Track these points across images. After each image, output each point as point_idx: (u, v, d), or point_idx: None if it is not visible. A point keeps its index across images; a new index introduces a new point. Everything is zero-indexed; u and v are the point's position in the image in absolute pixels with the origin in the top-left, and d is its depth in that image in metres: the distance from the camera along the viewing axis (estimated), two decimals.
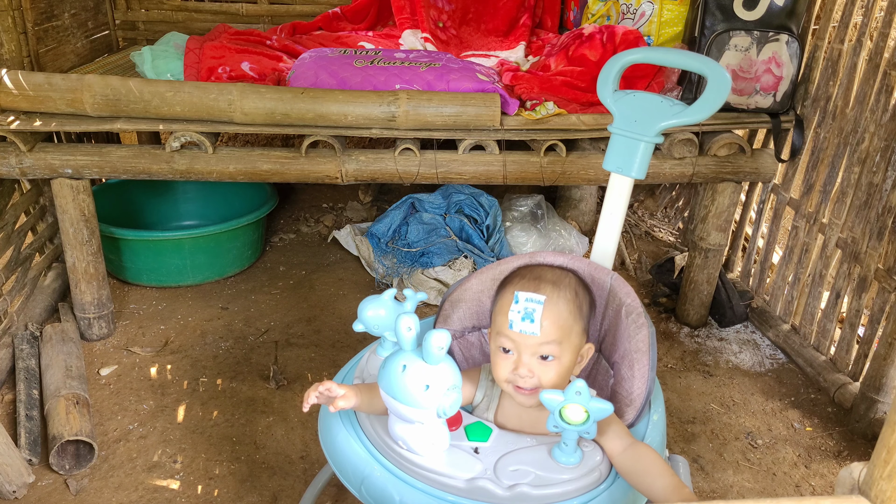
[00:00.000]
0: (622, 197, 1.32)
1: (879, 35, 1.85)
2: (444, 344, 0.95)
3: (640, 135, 1.27)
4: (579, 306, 1.11)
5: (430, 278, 2.41)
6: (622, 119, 1.29)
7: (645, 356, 1.14)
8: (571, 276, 1.17)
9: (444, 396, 0.97)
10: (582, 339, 1.12)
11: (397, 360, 0.98)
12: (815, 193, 2.10)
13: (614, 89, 1.33)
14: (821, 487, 1.72)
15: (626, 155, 1.29)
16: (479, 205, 2.57)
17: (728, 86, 1.22)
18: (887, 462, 0.67)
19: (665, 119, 1.25)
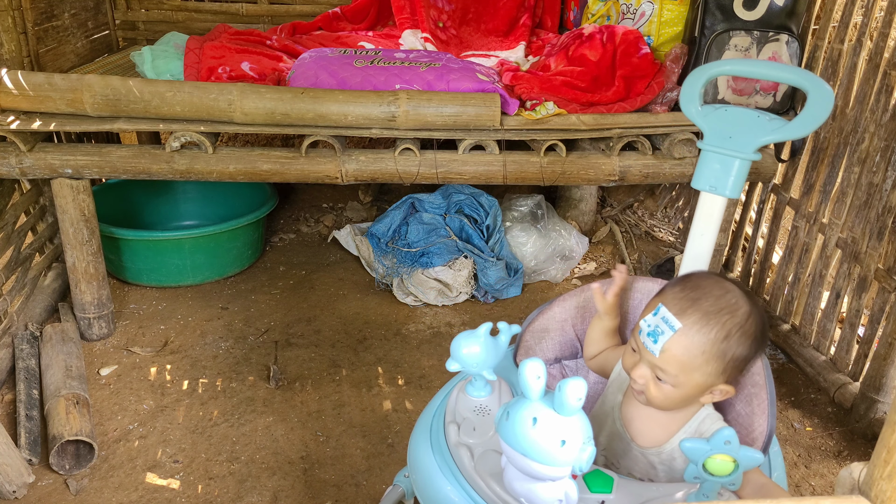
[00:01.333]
0: (714, 217, 1.24)
1: (879, 35, 1.85)
2: (582, 394, 0.85)
3: (736, 152, 1.20)
4: (723, 351, 0.99)
5: (430, 278, 2.42)
6: (714, 135, 1.22)
7: (763, 390, 1.05)
8: (741, 313, 1.00)
9: (581, 451, 0.87)
10: (713, 380, 1.01)
11: (524, 412, 0.87)
12: (815, 193, 2.10)
13: (701, 104, 1.27)
14: (821, 487, 1.72)
15: (720, 173, 1.22)
16: (479, 205, 2.58)
17: (831, 100, 1.14)
18: (887, 462, 0.67)
19: (764, 135, 1.18)
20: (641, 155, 2.06)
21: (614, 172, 2.05)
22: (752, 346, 1.01)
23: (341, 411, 1.91)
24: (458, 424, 1.08)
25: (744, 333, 0.99)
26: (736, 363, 1.01)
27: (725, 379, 1.02)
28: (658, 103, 2.05)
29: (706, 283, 1.04)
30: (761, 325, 1.02)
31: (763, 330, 1.03)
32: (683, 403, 1.05)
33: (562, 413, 0.86)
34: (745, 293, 1.04)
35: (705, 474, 0.91)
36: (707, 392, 1.03)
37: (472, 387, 1.14)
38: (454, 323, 2.33)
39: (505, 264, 2.48)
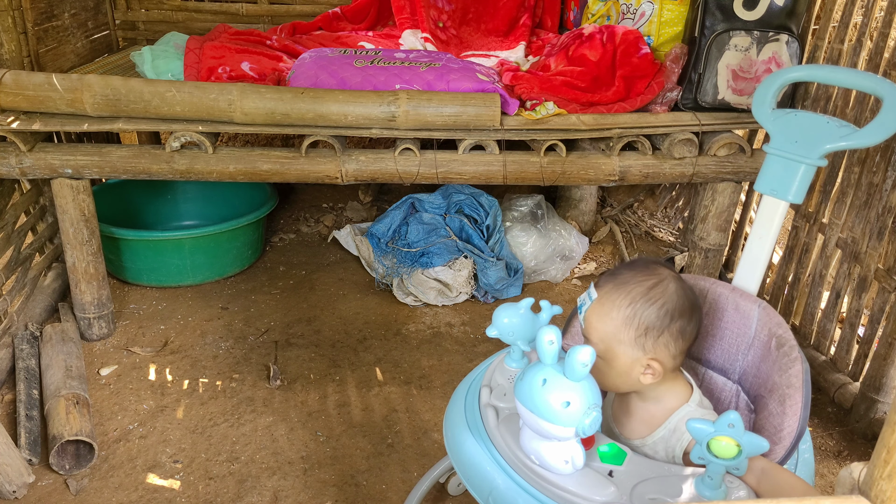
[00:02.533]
0: (774, 221, 1.24)
1: (879, 35, 1.85)
2: (588, 360, 0.92)
3: (802, 157, 1.20)
4: (630, 316, 1.06)
5: (430, 278, 2.42)
6: (781, 139, 1.23)
7: (798, 392, 1.06)
8: (649, 283, 1.08)
9: (584, 415, 0.93)
10: (634, 351, 1.07)
11: (537, 374, 0.95)
12: (815, 193, 2.10)
13: (773, 107, 1.27)
14: (821, 487, 1.72)
15: (784, 177, 1.22)
16: (479, 205, 2.58)
17: None
18: (887, 462, 0.67)
19: (832, 141, 1.18)
20: (641, 155, 2.06)
21: (614, 172, 2.05)
22: (665, 317, 1.06)
23: (341, 411, 1.91)
24: (492, 388, 1.16)
25: (649, 299, 1.06)
26: (650, 332, 1.06)
27: (650, 354, 1.07)
28: (658, 103, 2.05)
29: (638, 263, 1.12)
30: (675, 297, 1.07)
31: (678, 303, 1.07)
32: (622, 380, 1.09)
33: (569, 377, 0.93)
34: (670, 273, 1.10)
35: (709, 455, 0.93)
36: (640, 368, 1.08)
37: (510, 358, 1.23)
38: (454, 323, 2.33)
39: (505, 264, 2.48)
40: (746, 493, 0.97)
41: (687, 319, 1.08)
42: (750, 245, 1.27)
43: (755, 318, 1.18)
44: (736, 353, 1.22)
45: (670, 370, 1.11)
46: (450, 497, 1.64)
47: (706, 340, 1.28)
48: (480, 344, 2.23)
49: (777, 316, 1.17)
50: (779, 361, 1.11)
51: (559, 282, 2.60)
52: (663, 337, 1.07)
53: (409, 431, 1.84)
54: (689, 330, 1.09)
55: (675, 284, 1.09)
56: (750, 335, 1.19)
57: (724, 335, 1.24)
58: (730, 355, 1.24)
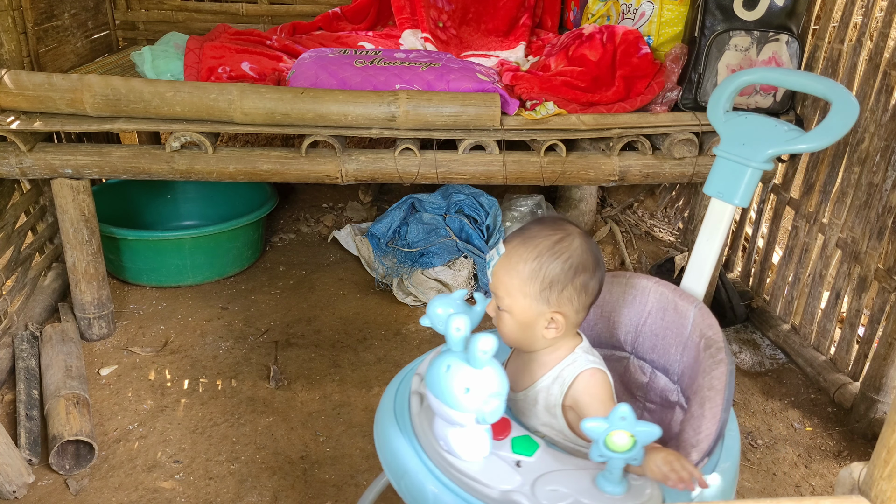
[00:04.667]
0: (721, 224, 1.24)
1: (879, 35, 1.85)
2: (489, 348, 0.93)
3: (748, 160, 1.19)
4: (535, 270, 1.07)
5: (430, 278, 2.42)
6: (729, 141, 1.22)
7: (719, 395, 1.05)
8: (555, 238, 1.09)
9: (484, 402, 0.94)
10: (538, 305, 1.08)
11: (443, 360, 0.97)
12: (815, 193, 2.10)
13: (726, 110, 1.26)
14: (821, 487, 1.72)
15: (731, 180, 1.21)
16: (479, 205, 2.57)
17: (855, 112, 1.12)
18: (887, 462, 0.67)
19: (777, 145, 1.17)
20: (641, 155, 2.06)
21: (614, 172, 2.05)
22: (569, 271, 1.07)
23: (341, 411, 1.91)
24: (423, 377, 1.17)
25: (554, 253, 1.07)
26: (555, 286, 1.07)
27: (554, 307, 1.08)
28: (658, 103, 2.05)
29: (546, 220, 1.13)
30: (580, 252, 1.09)
31: (583, 258, 1.08)
32: (525, 333, 1.10)
33: (471, 364, 0.94)
34: (576, 230, 1.12)
35: (608, 452, 0.94)
36: (543, 322, 1.09)
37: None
38: None
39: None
40: (651, 492, 0.96)
41: (590, 275, 1.09)
42: (697, 247, 1.26)
43: (691, 318, 1.18)
44: (675, 353, 1.22)
45: (573, 325, 1.12)
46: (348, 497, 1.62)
47: (650, 340, 1.28)
48: None
49: (710, 318, 1.16)
50: (704, 363, 1.10)
51: None
52: (567, 291, 1.08)
53: None
54: (592, 285, 1.10)
55: (580, 240, 1.10)
56: (685, 336, 1.19)
57: (666, 335, 1.25)
58: (670, 356, 1.24)
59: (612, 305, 1.30)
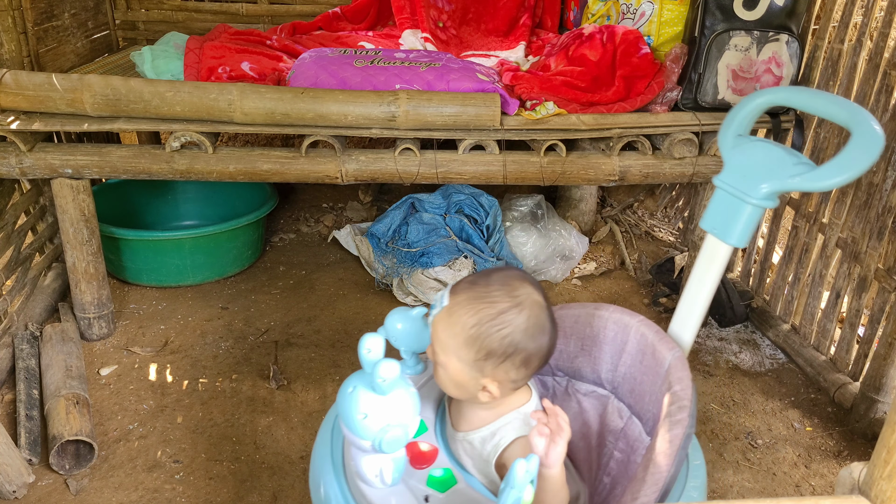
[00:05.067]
0: (715, 264, 1.09)
1: (879, 35, 1.85)
2: (390, 376, 0.88)
3: (745, 193, 1.02)
4: (472, 338, 0.98)
5: (430, 278, 2.42)
6: (732, 171, 1.06)
7: (667, 459, 0.97)
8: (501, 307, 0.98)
9: (381, 430, 0.90)
10: (472, 371, 1.00)
11: (351, 380, 0.93)
12: (815, 193, 2.10)
13: (739, 134, 1.09)
14: (821, 487, 1.72)
15: (728, 216, 1.05)
16: (479, 205, 2.57)
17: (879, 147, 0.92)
18: (887, 462, 0.67)
19: (779, 179, 0.99)
20: (641, 155, 2.06)
21: (614, 172, 2.05)
22: (508, 347, 0.98)
23: None
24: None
25: (495, 325, 0.97)
26: (491, 358, 0.98)
27: (489, 377, 1.00)
28: (658, 103, 2.05)
29: (499, 277, 1.02)
30: (525, 326, 0.98)
31: (527, 333, 0.98)
32: (459, 391, 1.04)
33: (374, 390, 0.91)
34: (529, 296, 1.00)
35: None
36: (477, 386, 1.01)
37: (404, 364, 1.19)
38: None
39: (505, 264, 2.48)
40: None
41: (535, 349, 1.00)
42: (687, 289, 1.13)
43: (665, 367, 1.08)
44: (649, 402, 1.14)
45: (512, 391, 1.05)
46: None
47: (628, 382, 1.20)
48: None
49: (684, 370, 1.05)
50: (665, 421, 1.00)
51: (559, 282, 2.60)
52: (504, 365, 1.00)
53: None
54: (537, 359, 1.02)
55: (528, 312, 1.00)
56: (658, 385, 1.09)
57: (643, 380, 1.15)
58: (645, 403, 1.16)
59: (593, 340, 1.21)
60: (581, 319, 1.21)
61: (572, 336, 1.23)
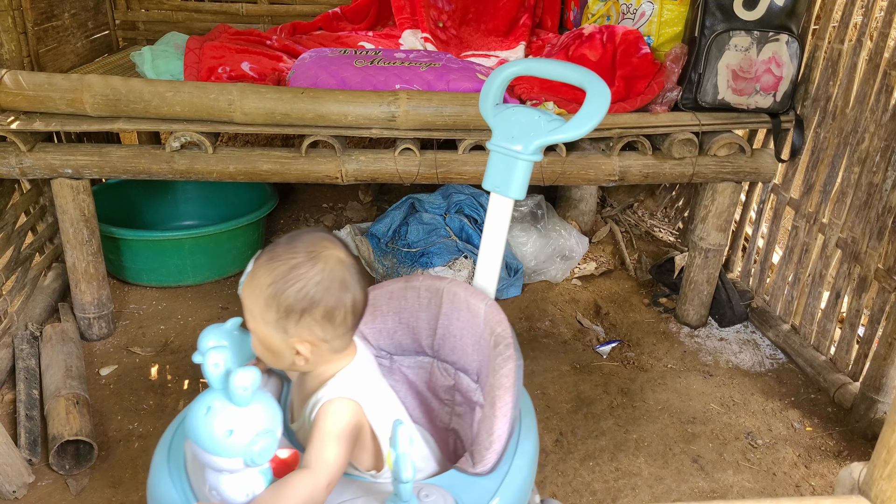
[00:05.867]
0: (503, 218, 1.21)
1: (879, 35, 1.85)
2: (249, 383, 0.85)
3: (518, 153, 1.17)
4: (271, 296, 0.96)
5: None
6: (500, 135, 1.20)
7: (508, 392, 1.03)
8: (294, 263, 0.97)
9: (251, 443, 0.86)
10: (278, 332, 0.98)
11: (203, 401, 0.89)
12: (815, 193, 2.10)
13: (496, 103, 1.23)
14: (821, 487, 1.72)
15: (505, 174, 1.19)
16: (479, 205, 2.57)
17: (607, 100, 1.13)
18: (887, 462, 0.67)
19: (541, 136, 1.16)
20: (641, 155, 2.07)
21: (614, 172, 2.05)
22: (304, 300, 0.96)
23: None
24: None
25: (289, 280, 0.95)
26: (291, 315, 0.96)
27: (295, 337, 0.98)
28: (658, 103, 2.05)
29: (300, 236, 1.01)
30: (320, 278, 0.97)
31: (323, 285, 0.97)
32: (277, 359, 1.01)
33: (234, 402, 0.87)
34: (328, 249, 0.99)
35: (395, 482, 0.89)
36: (290, 351, 0.99)
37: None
38: None
39: (505, 264, 2.48)
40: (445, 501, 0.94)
41: (335, 303, 0.98)
42: (483, 245, 1.24)
43: (482, 316, 1.16)
44: (472, 352, 1.20)
45: (329, 352, 1.02)
46: None
47: (449, 341, 1.25)
48: None
49: (500, 314, 1.14)
50: (494, 361, 1.08)
51: (559, 282, 2.60)
52: (305, 321, 0.97)
53: None
54: (341, 314, 0.99)
55: (324, 264, 0.98)
56: (479, 334, 1.17)
57: (463, 335, 1.22)
58: (468, 355, 1.22)
59: (410, 311, 1.26)
60: (395, 294, 1.25)
61: (389, 313, 1.26)
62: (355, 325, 1.03)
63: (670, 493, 1.67)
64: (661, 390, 2.03)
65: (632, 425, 1.88)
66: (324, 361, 1.03)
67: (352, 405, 1.00)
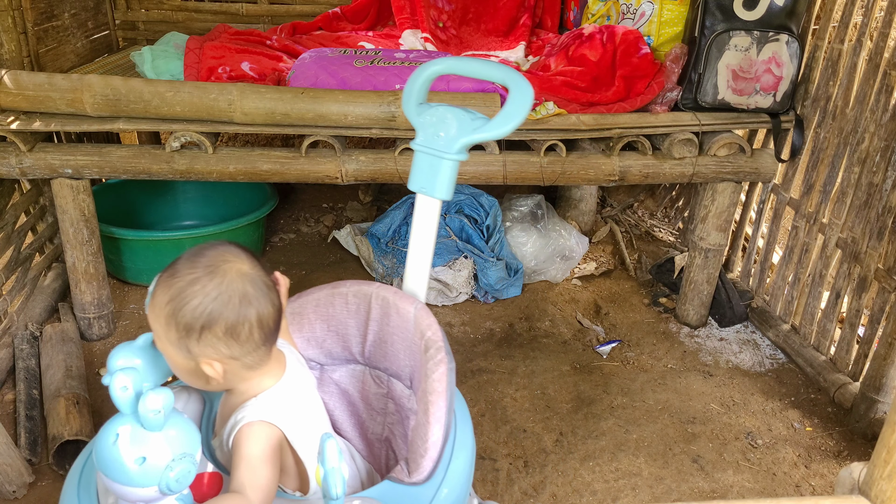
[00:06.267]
0: (431, 219, 1.19)
1: (879, 35, 1.85)
2: (161, 406, 0.80)
3: (443, 152, 1.14)
4: (169, 314, 0.92)
5: (430, 278, 2.41)
6: (425, 135, 1.17)
7: (441, 398, 1.01)
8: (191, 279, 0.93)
9: (167, 469, 0.81)
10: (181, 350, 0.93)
11: (111, 428, 0.82)
12: (815, 193, 2.10)
13: (419, 102, 1.20)
14: (821, 487, 1.72)
15: (431, 174, 1.16)
16: (479, 205, 2.58)
17: (530, 98, 1.11)
18: (887, 462, 0.67)
19: (465, 135, 1.13)
20: (641, 155, 2.07)
21: (614, 172, 2.05)
22: (201, 317, 0.91)
23: None
24: None
25: (185, 298, 0.91)
26: (191, 333, 0.92)
27: (201, 355, 0.93)
28: (658, 103, 2.05)
29: (202, 250, 0.97)
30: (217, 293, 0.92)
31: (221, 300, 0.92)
32: (192, 379, 0.98)
33: (146, 427, 0.81)
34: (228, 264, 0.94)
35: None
36: (200, 371, 0.95)
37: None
38: (454, 323, 2.33)
39: (505, 264, 2.48)
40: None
41: (236, 319, 0.93)
42: (412, 247, 1.22)
43: (412, 320, 1.14)
44: (404, 357, 1.17)
45: (244, 369, 0.97)
46: None
47: (380, 348, 1.22)
48: (480, 344, 2.23)
49: (429, 317, 1.12)
50: (425, 366, 1.06)
51: (559, 282, 2.60)
52: (207, 338, 0.92)
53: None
54: (246, 329, 0.94)
55: (220, 279, 0.93)
56: (410, 338, 1.14)
57: (394, 340, 1.19)
58: (400, 361, 1.19)
59: (338, 319, 1.23)
60: (322, 301, 1.22)
61: (316, 321, 1.23)
62: (268, 340, 0.97)
63: (670, 493, 1.67)
64: (661, 390, 2.03)
65: (632, 425, 1.88)
66: (242, 379, 0.98)
67: (271, 430, 0.96)
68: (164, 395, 0.81)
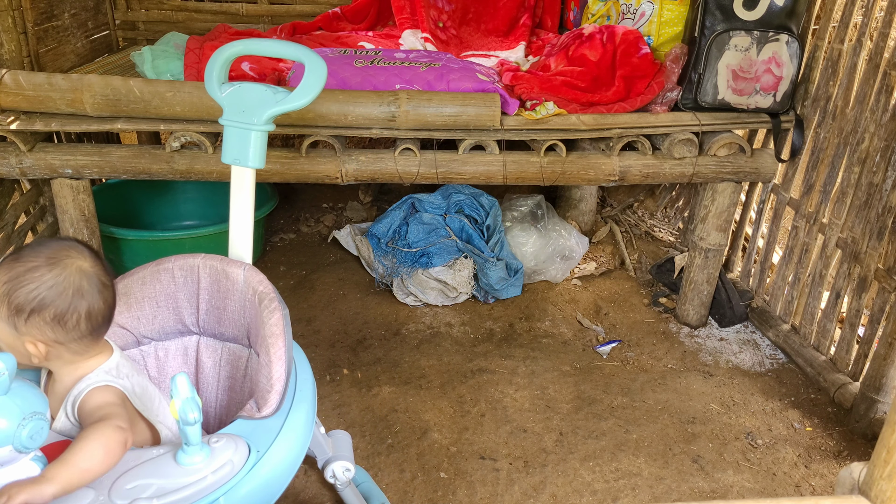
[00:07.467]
0: (246, 189, 1.31)
1: (879, 35, 1.85)
2: (4, 369, 0.87)
3: (251, 124, 1.28)
4: (4, 295, 1.01)
5: (431, 279, 2.42)
6: (231, 111, 1.30)
7: (279, 339, 1.13)
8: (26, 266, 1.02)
9: (19, 426, 0.87)
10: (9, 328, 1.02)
11: None
12: (815, 193, 2.10)
13: (221, 82, 1.32)
14: (821, 487, 1.72)
15: (241, 146, 1.29)
16: (479, 205, 2.58)
17: (324, 72, 1.27)
18: (887, 462, 0.67)
19: (270, 107, 1.27)
20: (641, 155, 2.07)
21: (614, 172, 2.05)
22: (33, 301, 1.00)
23: (341, 411, 1.91)
24: None
25: (22, 281, 1.01)
26: (21, 314, 1.00)
27: (27, 334, 1.01)
28: (658, 103, 2.05)
29: (46, 243, 1.06)
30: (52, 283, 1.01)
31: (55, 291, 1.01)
32: (12, 352, 1.03)
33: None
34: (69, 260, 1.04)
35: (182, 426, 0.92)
36: (23, 348, 1.03)
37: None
38: (454, 323, 2.33)
39: (505, 264, 2.48)
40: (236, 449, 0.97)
41: (66, 308, 1.03)
42: (233, 218, 1.32)
43: (242, 280, 1.23)
44: (240, 318, 1.26)
45: (68, 353, 1.06)
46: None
47: (214, 314, 1.30)
48: (480, 344, 2.23)
49: (259, 274, 1.22)
50: (262, 315, 1.16)
51: (559, 282, 2.60)
52: (34, 320, 1.01)
53: (408, 432, 1.84)
54: (73, 319, 1.04)
55: (59, 271, 1.03)
56: (243, 298, 1.24)
57: (227, 305, 1.27)
58: (236, 323, 1.28)
59: (167, 293, 1.30)
60: (147, 279, 1.28)
61: (144, 299, 1.29)
62: (95, 332, 1.07)
63: (670, 493, 1.67)
64: (662, 390, 2.03)
65: (632, 425, 1.88)
66: (66, 362, 1.07)
67: (115, 391, 1.06)
68: (6, 359, 0.88)
